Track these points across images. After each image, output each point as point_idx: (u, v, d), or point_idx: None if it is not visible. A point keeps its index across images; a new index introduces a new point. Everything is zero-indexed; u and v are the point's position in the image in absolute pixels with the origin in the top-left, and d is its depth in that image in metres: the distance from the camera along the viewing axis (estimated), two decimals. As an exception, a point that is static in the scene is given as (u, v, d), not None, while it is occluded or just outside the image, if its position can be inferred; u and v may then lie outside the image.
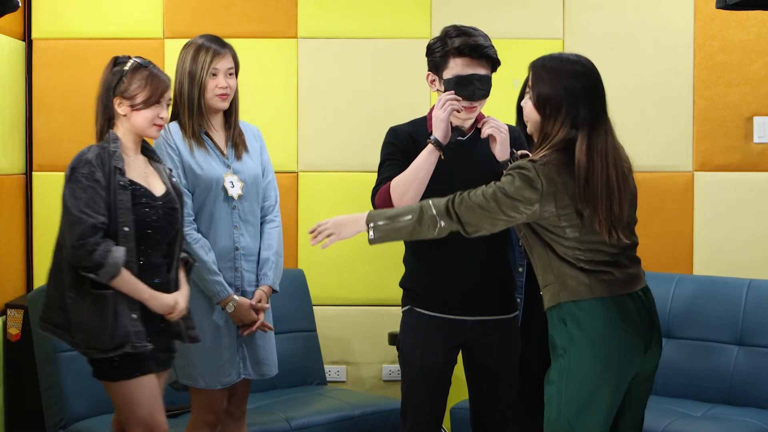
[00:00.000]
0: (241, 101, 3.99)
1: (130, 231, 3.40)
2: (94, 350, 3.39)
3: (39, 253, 5.13)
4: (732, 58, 5.12)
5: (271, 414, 4.35)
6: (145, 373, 3.43)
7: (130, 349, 3.37)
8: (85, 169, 3.40)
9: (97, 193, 3.38)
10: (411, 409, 3.55)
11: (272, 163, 4.03)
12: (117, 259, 3.34)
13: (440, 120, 3.39)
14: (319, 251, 5.09)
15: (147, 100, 3.47)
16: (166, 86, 3.51)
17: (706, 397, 4.45)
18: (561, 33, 5.16)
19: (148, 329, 3.44)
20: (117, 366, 3.41)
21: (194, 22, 5.16)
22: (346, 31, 5.19)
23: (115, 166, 3.41)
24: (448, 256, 3.49)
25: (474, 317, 3.51)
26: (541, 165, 3.07)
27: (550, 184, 3.06)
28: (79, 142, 5.02)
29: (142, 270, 3.45)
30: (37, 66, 5.15)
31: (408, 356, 3.55)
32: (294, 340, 4.88)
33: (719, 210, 5.12)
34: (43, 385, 4.34)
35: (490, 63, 3.44)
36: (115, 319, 3.37)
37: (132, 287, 3.41)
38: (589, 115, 3.10)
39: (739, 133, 5.10)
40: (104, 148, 3.46)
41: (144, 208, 3.45)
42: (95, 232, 3.35)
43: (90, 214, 3.36)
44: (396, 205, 3.38)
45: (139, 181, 3.49)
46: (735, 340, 4.52)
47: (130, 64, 3.51)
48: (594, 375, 3.06)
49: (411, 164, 3.40)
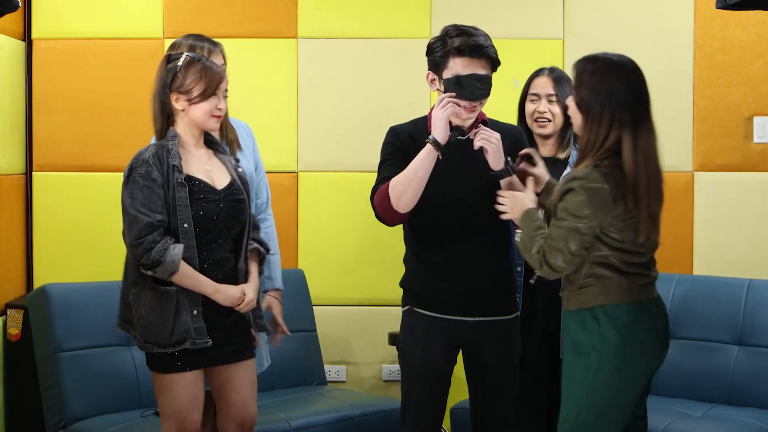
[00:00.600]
0: (241, 101, 4.01)
1: (190, 227, 3.42)
2: (152, 345, 3.43)
3: (39, 253, 5.14)
4: (732, 58, 5.12)
5: (270, 414, 4.34)
6: (194, 369, 3.46)
7: (190, 345, 3.41)
8: (142, 169, 3.42)
9: (154, 192, 3.40)
10: (411, 409, 3.54)
11: (272, 164, 4.05)
12: (175, 256, 3.36)
13: (439, 120, 3.38)
14: (319, 251, 5.14)
15: (203, 93, 3.47)
16: (221, 77, 3.52)
17: (706, 397, 4.44)
18: (561, 33, 5.16)
19: (214, 324, 3.46)
20: (171, 359, 3.44)
21: (194, 22, 5.15)
22: (346, 31, 5.19)
23: (172, 163, 3.43)
24: (449, 256, 3.49)
25: (474, 318, 3.51)
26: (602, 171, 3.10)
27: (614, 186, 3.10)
28: (79, 142, 5.10)
29: (207, 265, 3.47)
30: (37, 66, 5.16)
31: (408, 356, 3.55)
32: (294, 340, 4.84)
33: (719, 210, 5.13)
34: (43, 385, 4.34)
35: (490, 63, 3.43)
36: (177, 315, 3.41)
37: (194, 282, 3.43)
38: (634, 115, 3.15)
39: (739, 133, 5.11)
40: (162, 147, 3.47)
41: (204, 203, 3.46)
42: (152, 230, 3.37)
43: (146, 213, 3.38)
44: (394, 204, 3.37)
45: (200, 175, 3.50)
46: (735, 340, 4.51)
47: (183, 59, 3.51)
48: (622, 376, 3.14)
49: (409, 164, 3.39)
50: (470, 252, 3.48)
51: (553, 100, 3.91)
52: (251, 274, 3.59)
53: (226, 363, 3.54)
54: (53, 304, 4.30)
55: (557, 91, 3.92)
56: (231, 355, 3.54)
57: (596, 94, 3.15)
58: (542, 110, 3.91)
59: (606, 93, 3.15)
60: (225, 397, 3.58)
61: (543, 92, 3.93)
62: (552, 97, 3.91)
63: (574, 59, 3.86)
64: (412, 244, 3.58)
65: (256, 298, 3.56)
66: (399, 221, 3.45)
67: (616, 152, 3.14)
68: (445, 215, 3.48)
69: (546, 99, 3.91)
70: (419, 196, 3.38)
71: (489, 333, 3.53)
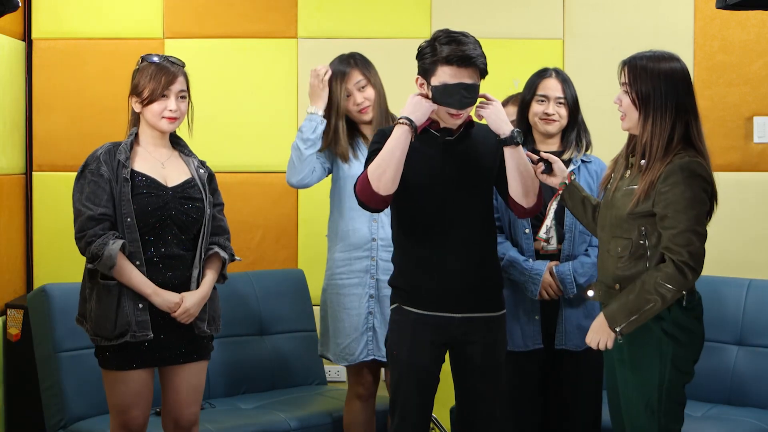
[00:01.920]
0: (241, 101, 4.02)
1: (133, 222, 3.47)
2: (99, 338, 3.50)
3: (39, 253, 5.16)
4: (732, 58, 5.13)
5: (271, 414, 4.36)
6: (139, 368, 3.51)
7: (130, 338, 3.45)
8: (93, 165, 3.52)
9: (100, 187, 3.47)
10: (399, 406, 3.57)
11: (272, 164, 4.09)
12: (112, 251, 3.41)
13: (420, 104, 3.44)
14: (319, 251, 5.12)
15: (152, 94, 3.54)
16: (172, 79, 3.56)
17: (706, 397, 4.43)
18: (561, 33, 5.17)
19: (163, 321, 3.50)
20: (112, 355, 3.50)
21: (194, 22, 5.18)
22: (346, 31, 5.21)
23: (118, 159, 3.50)
24: (434, 252, 3.53)
25: (460, 314, 3.55)
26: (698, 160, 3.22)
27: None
28: (79, 142, 5.09)
29: (154, 262, 3.51)
30: (37, 66, 5.18)
31: (396, 353, 3.59)
32: (294, 340, 4.88)
33: (719, 210, 5.05)
34: (43, 385, 4.32)
35: (478, 72, 3.45)
36: (119, 308, 3.46)
37: (132, 281, 3.47)
38: (692, 104, 3.26)
39: (739, 133, 5.12)
40: (117, 144, 3.56)
41: (147, 197, 3.51)
42: (95, 223, 3.45)
43: (89, 206, 3.46)
44: (375, 186, 3.40)
45: (150, 172, 3.56)
46: (735, 340, 4.52)
47: (140, 61, 3.61)
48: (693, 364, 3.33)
49: (384, 145, 3.43)
50: (457, 249, 3.52)
51: (562, 102, 3.95)
52: (203, 282, 3.60)
53: (174, 364, 3.59)
54: (53, 304, 4.29)
55: (565, 92, 3.96)
56: (179, 356, 3.59)
57: (658, 83, 3.23)
58: (550, 112, 3.94)
59: (667, 80, 3.23)
60: (165, 396, 3.64)
61: (552, 95, 3.95)
62: (560, 99, 3.95)
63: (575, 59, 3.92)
64: (400, 241, 3.62)
65: (197, 308, 3.56)
66: (381, 205, 3.48)
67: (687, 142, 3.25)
68: (433, 213, 3.52)
69: (555, 101, 3.95)
70: (399, 177, 3.41)
71: (476, 330, 3.56)
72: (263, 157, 5.21)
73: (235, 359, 4.71)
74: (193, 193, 3.60)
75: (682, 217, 3.18)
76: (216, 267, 3.65)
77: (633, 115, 3.28)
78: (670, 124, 3.22)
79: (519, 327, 3.95)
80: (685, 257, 3.18)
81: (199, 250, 3.59)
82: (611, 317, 3.24)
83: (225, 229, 3.71)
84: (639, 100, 3.26)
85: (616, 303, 3.25)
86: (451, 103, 3.43)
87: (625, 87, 3.29)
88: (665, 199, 3.20)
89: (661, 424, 3.26)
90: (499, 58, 4.05)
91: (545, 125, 3.96)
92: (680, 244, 3.18)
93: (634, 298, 3.20)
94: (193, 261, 3.58)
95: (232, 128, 5.22)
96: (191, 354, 3.61)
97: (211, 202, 3.65)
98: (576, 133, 3.98)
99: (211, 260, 3.64)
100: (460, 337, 3.56)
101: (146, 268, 3.50)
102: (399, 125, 3.41)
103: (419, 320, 3.55)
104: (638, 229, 3.26)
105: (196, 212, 3.59)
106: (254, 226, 5.24)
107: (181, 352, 3.59)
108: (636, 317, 3.20)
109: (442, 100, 3.43)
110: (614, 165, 3.45)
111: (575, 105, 3.98)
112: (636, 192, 3.25)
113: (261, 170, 5.22)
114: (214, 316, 3.66)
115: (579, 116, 4.00)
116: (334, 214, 4.26)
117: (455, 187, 3.52)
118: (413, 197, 3.51)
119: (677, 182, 3.19)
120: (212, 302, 3.65)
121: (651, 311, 3.20)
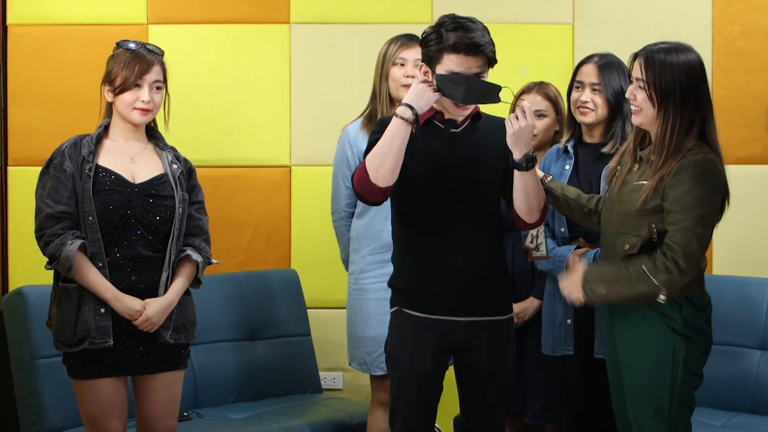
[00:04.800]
0: (230, 91, 3.99)
1: (94, 220, 3.44)
2: (60, 344, 3.49)
3: (14, 252, 5.14)
4: (753, 43, 5.11)
5: (263, 424, 4.35)
6: (104, 376, 3.47)
7: (88, 345, 3.43)
8: (57, 160, 3.49)
9: (62, 183, 3.46)
10: (400, 414, 3.56)
11: (263, 157, 4.07)
12: (69, 252, 3.39)
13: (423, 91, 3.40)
14: (314, 251, 5.11)
15: (124, 83, 3.50)
16: (146, 68, 3.52)
17: (727, 405, 4.44)
18: (571, 17, 5.15)
19: (126, 327, 3.46)
20: (78, 364, 3.47)
21: (179, 7, 5.20)
22: (342, 16, 5.19)
23: (82, 153, 3.49)
24: (438, 253, 3.51)
25: (465, 318, 3.52)
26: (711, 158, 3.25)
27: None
28: (57, 135, 4.97)
29: (119, 264, 3.47)
30: (13, 54, 5.16)
31: (396, 358, 3.58)
32: (287, 346, 4.90)
33: (739, 206, 4.99)
34: (20, 393, 4.33)
35: (486, 61, 3.43)
36: (79, 313, 3.44)
37: (92, 284, 3.44)
38: (709, 98, 3.29)
39: (760, 123, 5.10)
40: (83, 137, 3.53)
41: (109, 195, 3.47)
42: (54, 222, 3.44)
43: (49, 204, 3.46)
44: (373, 178, 3.37)
45: (116, 168, 3.51)
46: (758, 345, 4.51)
47: (115, 47, 3.58)
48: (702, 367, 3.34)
49: (384, 133, 3.40)
50: (460, 246, 3.50)
51: (597, 89, 3.90)
52: (170, 288, 3.55)
53: (144, 373, 3.55)
54: (30, 307, 4.28)
55: (601, 80, 3.90)
56: (148, 365, 3.55)
57: (678, 77, 3.24)
58: (585, 99, 3.93)
59: (686, 73, 3.24)
60: (139, 407, 3.61)
61: (587, 81, 3.94)
62: (596, 86, 3.91)
63: (585, 45, 3.86)
64: (400, 237, 3.59)
65: (160, 317, 3.50)
66: (379, 197, 3.45)
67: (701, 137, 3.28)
68: (434, 208, 3.50)
69: (590, 88, 3.91)
70: (398, 168, 3.39)
71: (482, 334, 3.54)
72: (254, 150, 5.21)
73: (225, 366, 4.70)
74: (162, 190, 3.54)
75: (688, 214, 3.20)
76: (187, 271, 3.59)
77: (649, 110, 3.28)
78: (688, 120, 3.25)
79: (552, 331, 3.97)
80: (678, 256, 3.19)
81: (168, 252, 3.53)
82: (587, 277, 3.30)
83: (203, 230, 3.65)
84: (657, 96, 3.26)
85: (599, 268, 3.36)
86: (455, 96, 3.40)
87: (640, 82, 3.29)
88: (673, 193, 3.22)
89: (670, 430, 3.27)
90: (505, 44, 4.02)
91: (581, 116, 3.92)
92: (678, 242, 3.20)
93: (615, 272, 3.28)
94: (163, 264, 3.51)
95: (220, 119, 5.20)
96: (161, 363, 3.56)
97: (184, 200, 3.59)
98: (621, 124, 3.89)
99: (182, 264, 3.58)
100: (465, 341, 3.54)
101: (110, 271, 3.46)
102: (398, 112, 3.38)
103: (420, 324, 3.53)
104: (648, 226, 3.27)
105: (165, 211, 3.53)
106: (244, 224, 5.23)
107: (149, 360, 3.54)
108: (605, 293, 3.28)
109: (447, 90, 3.40)
110: (620, 158, 3.47)
111: (617, 94, 3.87)
112: (645, 188, 3.28)
113: (251, 164, 5.21)
114: (184, 323, 3.61)
115: (625, 106, 3.88)
116: (361, 213, 4.24)
117: (458, 181, 3.50)
118: (414, 190, 3.49)
119: (688, 178, 3.21)
120: (182, 309, 3.59)
121: (624, 294, 3.26)
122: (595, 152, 3.89)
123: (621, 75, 3.90)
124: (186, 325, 3.60)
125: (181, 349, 3.61)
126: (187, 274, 3.57)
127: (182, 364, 3.62)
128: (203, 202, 3.68)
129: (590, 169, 3.87)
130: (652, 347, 3.27)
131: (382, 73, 4.22)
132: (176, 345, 3.57)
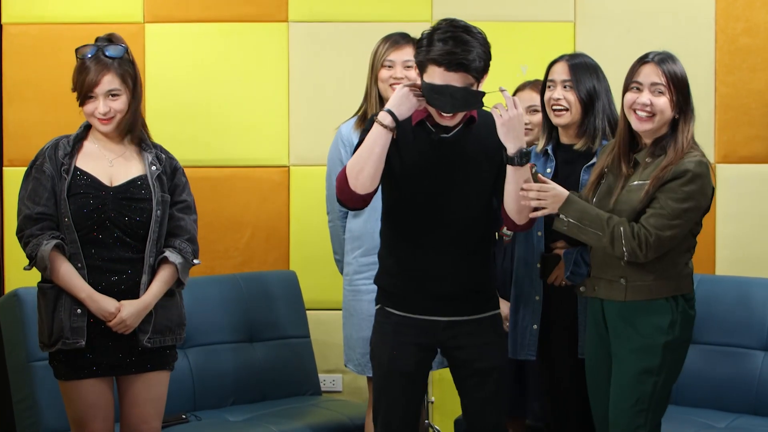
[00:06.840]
0: (227, 90, 4.00)
1: (70, 222, 3.47)
2: (42, 344, 3.54)
3: (11, 254, 5.13)
4: (756, 41, 5.11)
5: (262, 426, 4.35)
6: (90, 377, 3.49)
7: (62, 345, 3.45)
8: (39, 161, 3.54)
9: (41, 184, 3.50)
10: (382, 413, 3.59)
11: (262, 157, 4.06)
12: (44, 252, 3.42)
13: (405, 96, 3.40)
14: (313, 251, 5.12)
15: (79, 95, 3.56)
16: (95, 80, 3.51)
17: (730, 406, 4.45)
18: (572, 15, 5.15)
19: (104, 329, 3.48)
20: (61, 365, 3.51)
21: (176, 6, 5.17)
22: (341, 14, 5.20)
23: (59, 155, 3.52)
24: (419, 251, 3.53)
25: (445, 318, 3.55)
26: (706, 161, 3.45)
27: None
28: (53, 135, 4.95)
29: (97, 266, 3.49)
30: (8, 53, 5.16)
31: (378, 357, 3.61)
32: (286, 347, 4.89)
33: (743, 205, 5.11)
34: (16, 396, 4.33)
35: (471, 77, 3.37)
36: (55, 313, 3.48)
37: (68, 284, 3.47)
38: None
39: (764, 121, 5.10)
40: (63, 138, 3.58)
41: (83, 198, 3.49)
42: (32, 223, 3.47)
43: (28, 205, 3.50)
44: (352, 185, 3.39)
45: (93, 170, 3.54)
46: (761, 345, 4.51)
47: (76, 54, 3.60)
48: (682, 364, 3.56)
49: (364, 140, 3.41)
50: (444, 249, 3.51)
51: (569, 85, 3.88)
52: (147, 290, 3.55)
53: (126, 373, 3.56)
54: (26, 309, 4.28)
55: (572, 76, 3.88)
56: (131, 365, 3.56)
57: (687, 85, 3.52)
58: (557, 97, 3.87)
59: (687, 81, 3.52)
60: (123, 409, 3.62)
61: (558, 78, 3.89)
62: (567, 82, 3.88)
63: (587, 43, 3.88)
64: (386, 237, 3.62)
65: (135, 319, 3.50)
66: (359, 203, 3.47)
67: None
68: (420, 211, 3.51)
69: (561, 85, 3.88)
70: (378, 175, 3.40)
71: (463, 334, 3.55)
72: (252, 150, 5.20)
73: (223, 368, 4.69)
74: (137, 193, 3.55)
75: (673, 205, 3.39)
76: (166, 273, 3.58)
77: (667, 114, 3.47)
78: (693, 124, 3.51)
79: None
80: (651, 237, 3.37)
81: (147, 254, 3.54)
82: (567, 204, 3.46)
83: (186, 230, 3.64)
84: (680, 99, 3.47)
85: (584, 204, 3.49)
86: (438, 105, 3.39)
87: (660, 86, 3.47)
88: (665, 185, 3.42)
89: (648, 419, 3.45)
90: (505, 42, 4.03)
91: (555, 117, 3.89)
92: (654, 225, 3.38)
93: (595, 217, 3.44)
94: (143, 265, 3.54)
95: (217, 119, 5.20)
96: (144, 364, 3.57)
97: (164, 202, 3.58)
98: (593, 120, 3.87)
99: (161, 266, 3.58)
100: (447, 341, 3.57)
101: (89, 272, 3.49)
102: (379, 119, 3.38)
103: (401, 323, 3.57)
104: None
105: (141, 214, 3.54)
106: (242, 225, 5.23)
107: (131, 361, 3.55)
108: (574, 223, 3.45)
109: (431, 99, 3.38)
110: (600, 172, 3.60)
111: (588, 91, 3.87)
112: (647, 187, 3.45)
113: (249, 164, 5.21)
114: (169, 325, 3.61)
115: (597, 104, 3.87)
116: (356, 214, 4.25)
117: (443, 186, 3.50)
118: (399, 191, 3.51)
119: (686, 176, 3.40)
120: (164, 311, 3.59)
121: (587, 237, 3.46)
122: (573, 153, 3.87)
123: (592, 73, 3.88)
124: (171, 327, 3.60)
125: (165, 350, 3.61)
126: (165, 277, 3.57)
127: (166, 365, 3.62)
128: (188, 201, 3.66)
129: (570, 170, 3.85)
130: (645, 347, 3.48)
131: (372, 73, 4.24)
132: (159, 347, 3.57)
